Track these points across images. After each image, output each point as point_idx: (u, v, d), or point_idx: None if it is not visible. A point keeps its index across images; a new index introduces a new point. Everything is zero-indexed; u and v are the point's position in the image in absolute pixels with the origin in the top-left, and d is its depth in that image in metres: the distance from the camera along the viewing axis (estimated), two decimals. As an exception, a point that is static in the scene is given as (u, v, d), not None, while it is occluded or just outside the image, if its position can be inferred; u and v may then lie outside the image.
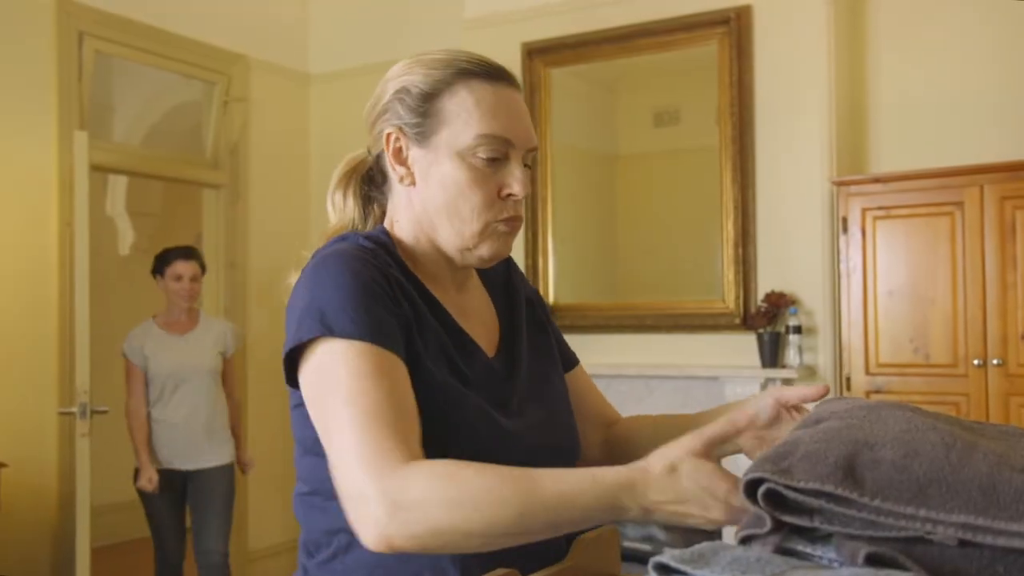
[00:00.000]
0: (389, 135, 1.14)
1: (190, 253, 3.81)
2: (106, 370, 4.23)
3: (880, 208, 3.53)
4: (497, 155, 1.10)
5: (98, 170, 4.19)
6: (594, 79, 4.41)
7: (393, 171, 1.16)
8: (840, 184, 3.59)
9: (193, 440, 3.68)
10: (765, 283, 3.76)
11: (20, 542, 3.66)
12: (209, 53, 4.59)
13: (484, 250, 1.12)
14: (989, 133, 3.64)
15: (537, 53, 4.28)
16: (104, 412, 3.63)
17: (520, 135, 1.11)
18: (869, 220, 3.54)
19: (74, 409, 3.57)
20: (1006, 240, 3.32)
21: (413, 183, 1.14)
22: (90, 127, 4.03)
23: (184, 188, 5.21)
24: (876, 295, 3.52)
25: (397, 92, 1.14)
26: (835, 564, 0.76)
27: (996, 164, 3.37)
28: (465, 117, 1.09)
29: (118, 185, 5.80)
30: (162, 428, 3.68)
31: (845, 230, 3.58)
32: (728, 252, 3.83)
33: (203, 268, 3.86)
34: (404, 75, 1.14)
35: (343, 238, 1.15)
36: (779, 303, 3.65)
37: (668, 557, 0.72)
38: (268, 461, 4.85)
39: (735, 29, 3.80)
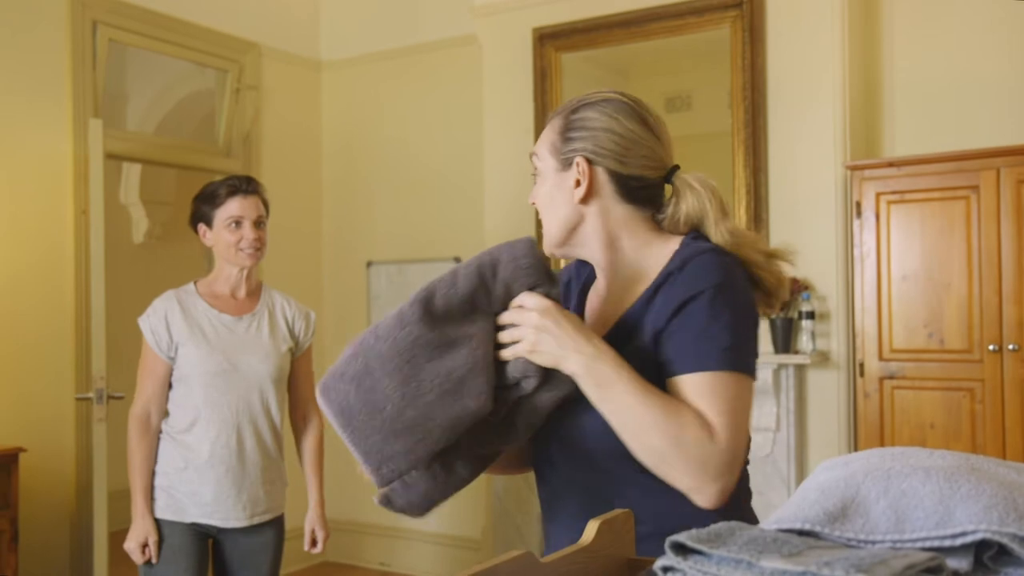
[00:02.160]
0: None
1: (251, 185, 2.53)
2: (121, 356, 4.26)
3: (894, 192, 3.51)
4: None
5: (112, 158, 4.21)
6: (605, 64, 4.39)
7: None
8: (854, 168, 3.57)
9: (237, 483, 2.47)
10: (778, 268, 3.75)
11: (39, 525, 3.70)
12: (221, 41, 4.60)
13: None
14: (1005, 116, 3.62)
15: (548, 38, 4.27)
16: (120, 398, 3.65)
17: None
18: (883, 204, 3.52)
19: (91, 395, 3.61)
20: (1023, 224, 3.30)
21: None
22: (104, 116, 4.05)
23: (197, 176, 5.22)
24: (890, 280, 3.51)
25: None
26: (853, 543, 0.76)
27: (1012, 147, 3.34)
28: None
29: (132, 174, 5.83)
30: (186, 460, 2.47)
31: (859, 215, 3.56)
32: (741, 237, 3.83)
33: (267, 208, 2.58)
34: None
35: None
36: (792, 288, 3.64)
37: (684, 536, 0.73)
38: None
39: (747, 12, 3.78)
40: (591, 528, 1.10)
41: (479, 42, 4.51)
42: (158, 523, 2.47)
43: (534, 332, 1.20)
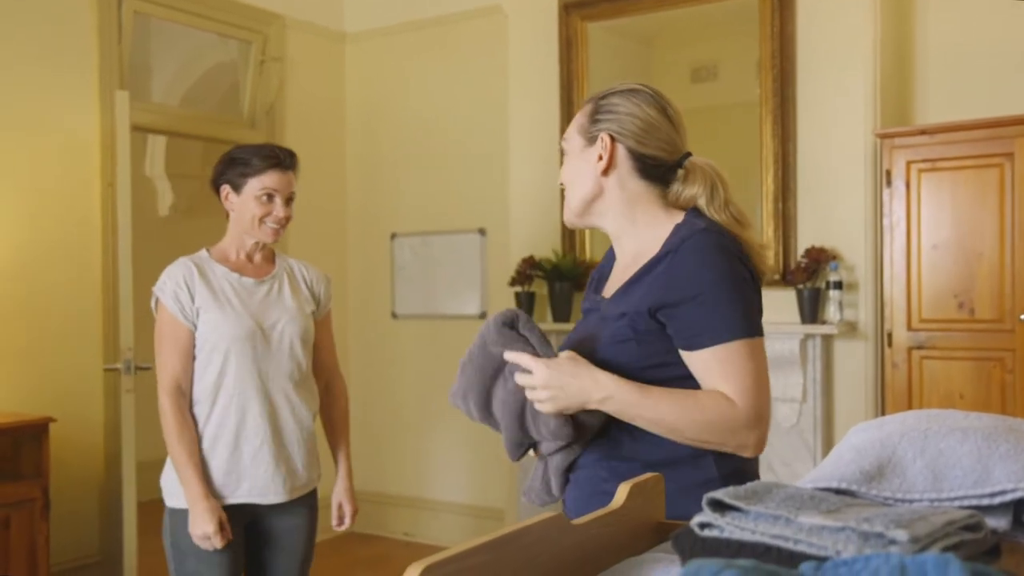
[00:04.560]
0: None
1: (292, 160, 2.37)
2: (148, 328, 4.27)
3: (926, 160, 3.46)
4: None
5: (138, 130, 4.22)
6: (631, 34, 4.35)
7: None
8: (884, 136, 3.52)
9: (275, 454, 2.28)
10: (805, 238, 3.71)
11: (69, 494, 3.75)
12: (245, 12, 4.59)
13: None
14: (1039, 83, 3.55)
15: (574, 7, 4.23)
16: (147, 369, 3.68)
17: None
18: (914, 173, 3.47)
19: (119, 366, 3.65)
20: (1056, 192, 3.24)
21: None
22: (130, 88, 4.06)
23: (222, 148, 5.17)
24: (920, 249, 3.47)
25: None
26: (890, 502, 0.75)
27: (1047, 114, 3.28)
28: None
29: (157, 146, 5.85)
30: (215, 437, 2.26)
31: (889, 183, 3.51)
32: (768, 207, 3.79)
33: None
34: None
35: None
36: (820, 258, 3.61)
37: (722, 493, 0.72)
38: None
39: (776, -21, 3.72)
40: (622, 491, 1.10)
41: (504, 12, 4.47)
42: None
43: (547, 393, 1.40)
